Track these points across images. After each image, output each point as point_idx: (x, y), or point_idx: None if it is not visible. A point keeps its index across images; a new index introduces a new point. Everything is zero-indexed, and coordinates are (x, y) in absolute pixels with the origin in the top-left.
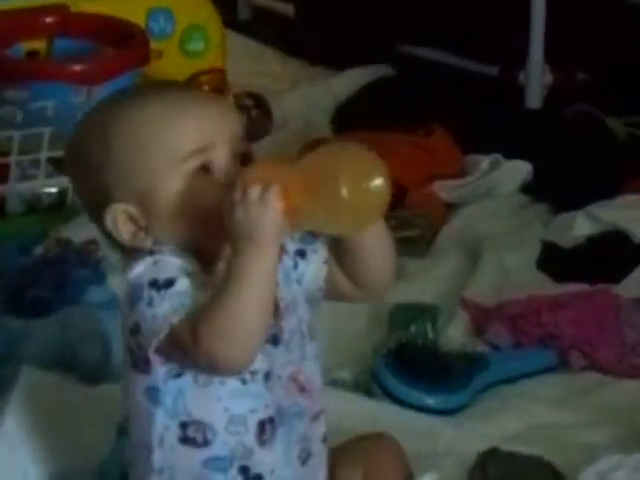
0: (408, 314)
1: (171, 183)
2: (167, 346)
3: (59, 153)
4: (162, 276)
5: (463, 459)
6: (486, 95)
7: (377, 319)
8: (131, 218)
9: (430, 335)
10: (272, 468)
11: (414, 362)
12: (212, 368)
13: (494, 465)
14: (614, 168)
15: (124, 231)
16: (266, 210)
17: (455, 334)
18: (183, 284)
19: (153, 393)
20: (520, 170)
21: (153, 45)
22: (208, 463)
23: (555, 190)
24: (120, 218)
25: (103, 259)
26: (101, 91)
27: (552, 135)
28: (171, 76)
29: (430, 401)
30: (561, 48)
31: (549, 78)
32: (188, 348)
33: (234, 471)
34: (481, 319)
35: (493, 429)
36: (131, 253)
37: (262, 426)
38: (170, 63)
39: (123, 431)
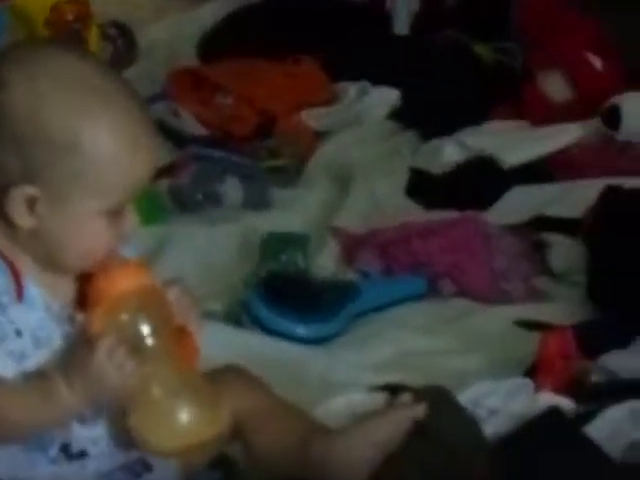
0: (278, 244)
1: (88, 206)
2: None
3: None
4: None
5: (335, 387)
6: (353, 22)
7: (248, 250)
8: (31, 202)
9: (301, 264)
10: (94, 440)
11: (285, 292)
12: None
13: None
14: (482, 94)
15: (16, 212)
16: (123, 388)
17: (326, 263)
18: None
19: None
20: (388, 97)
21: None
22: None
23: (423, 117)
24: (21, 200)
25: None
26: None
27: (420, 62)
28: (36, 6)
29: (301, 330)
30: None
31: (416, 4)
32: None
33: (55, 450)
34: (351, 247)
35: (364, 357)
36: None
37: None
38: None
39: None
